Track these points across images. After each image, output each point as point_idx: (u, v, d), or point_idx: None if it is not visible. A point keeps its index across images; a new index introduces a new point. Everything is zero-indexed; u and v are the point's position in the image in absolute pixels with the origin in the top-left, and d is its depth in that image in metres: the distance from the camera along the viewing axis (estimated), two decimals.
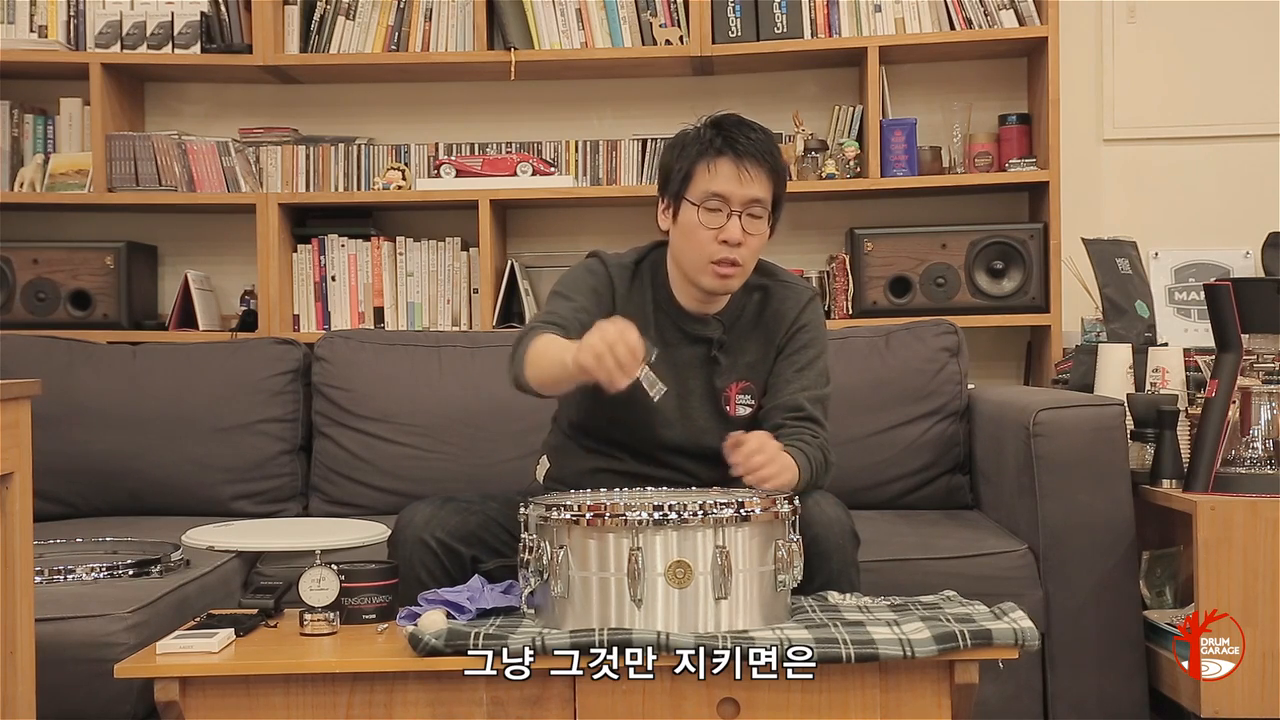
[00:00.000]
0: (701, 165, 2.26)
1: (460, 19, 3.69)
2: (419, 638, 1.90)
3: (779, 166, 2.29)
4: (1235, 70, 3.73)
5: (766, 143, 2.28)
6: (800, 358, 2.36)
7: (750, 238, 2.26)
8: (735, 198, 2.24)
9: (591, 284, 2.34)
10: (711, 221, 2.25)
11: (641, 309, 2.34)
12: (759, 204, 2.26)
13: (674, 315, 2.36)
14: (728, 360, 2.35)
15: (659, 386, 2.06)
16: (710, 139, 2.27)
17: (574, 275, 2.37)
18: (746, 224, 2.25)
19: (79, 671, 2.13)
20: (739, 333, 2.37)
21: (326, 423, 3.21)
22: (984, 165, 3.65)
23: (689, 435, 2.33)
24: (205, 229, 3.90)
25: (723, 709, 1.90)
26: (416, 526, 2.22)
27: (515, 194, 3.65)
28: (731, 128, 2.28)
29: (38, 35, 3.74)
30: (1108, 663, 2.58)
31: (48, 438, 2.38)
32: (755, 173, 2.25)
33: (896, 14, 3.60)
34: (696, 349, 2.35)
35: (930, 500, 3.07)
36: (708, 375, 2.35)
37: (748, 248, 2.26)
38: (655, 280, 2.38)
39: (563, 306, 2.29)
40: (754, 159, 2.25)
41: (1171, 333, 3.48)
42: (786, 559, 1.98)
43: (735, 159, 2.24)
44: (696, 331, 2.35)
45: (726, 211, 2.25)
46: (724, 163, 2.25)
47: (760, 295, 2.39)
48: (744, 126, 2.29)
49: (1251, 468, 2.58)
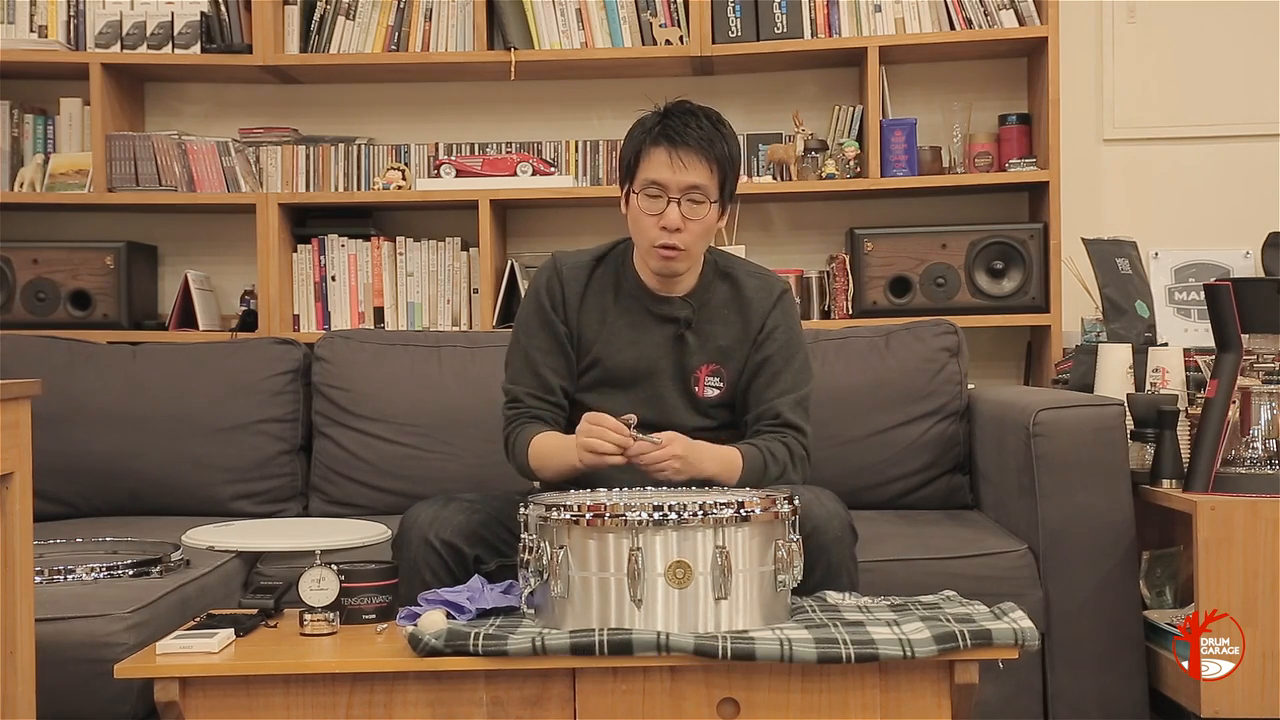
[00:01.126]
0: (643, 154, 2.34)
1: (460, 19, 3.69)
2: (419, 638, 1.90)
3: (720, 153, 2.33)
4: (1235, 70, 3.73)
5: (708, 131, 2.33)
6: (776, 359, 2.42)
7: (690, 223, 2.32)
8: (672, 185, 2.31)
9: (543, 313, 2.44)
10: (651, 208, 2.32)
11: (600, 301, 2.43)
12: (697, 190, 2.31)
13: (641, 298, 2.42)
14: (696, 341, 2.41)
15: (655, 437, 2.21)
16: (651, 127, 2.35)
17: (528, 307, 2.49)
18: (686, 210, 2.31)
19: (79, 671, 2.13)
20: (708, 314, 2.43)
21: (326, 423, 3.21)
22: (984, 165, 3.65)
23: (659, 414, 2.38)
24: (205, 229, 3.90)
25: (723, 709, 1.90)
26: (421, 527, 2.22)
27: (515, 194, 3.65)
28: (673, 116, 2.34)
29: (38, 35, 3.74)
30: (1108, 663, 2.58)
31: (48, 438, 2.38)
32: (690, 160, 2.30)
33: (896, 14, 3.60)
34: (665, 329, 2.41)
35: (930, 500, 3.07)
36: (677, 355, 2.40)
37: (689, 233, 2.32)
38: (621, 269, 2.45)
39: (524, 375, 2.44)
40: (689, 147, 2.30)
41: (1171, 333, 3.48)
42: (786, 559, 1.98)
43: (670, 147, 2.31)
44: (664, 311, 2.41)
45: (665, 198, 2.31)
46: (659, 151, 2.32)
47: (729, 283, 2.45)
48: (687, 115, 2.34)
49: (1251, 468, 2.58)
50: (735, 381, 2.42)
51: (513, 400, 2.44)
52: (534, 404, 2.41)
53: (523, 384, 2.43)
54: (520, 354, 2.46)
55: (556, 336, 2.42)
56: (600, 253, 2.48)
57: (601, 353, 2.41)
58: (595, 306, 2.43)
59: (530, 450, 2.36)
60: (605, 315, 2.42)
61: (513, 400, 2.44)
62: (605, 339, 2.41)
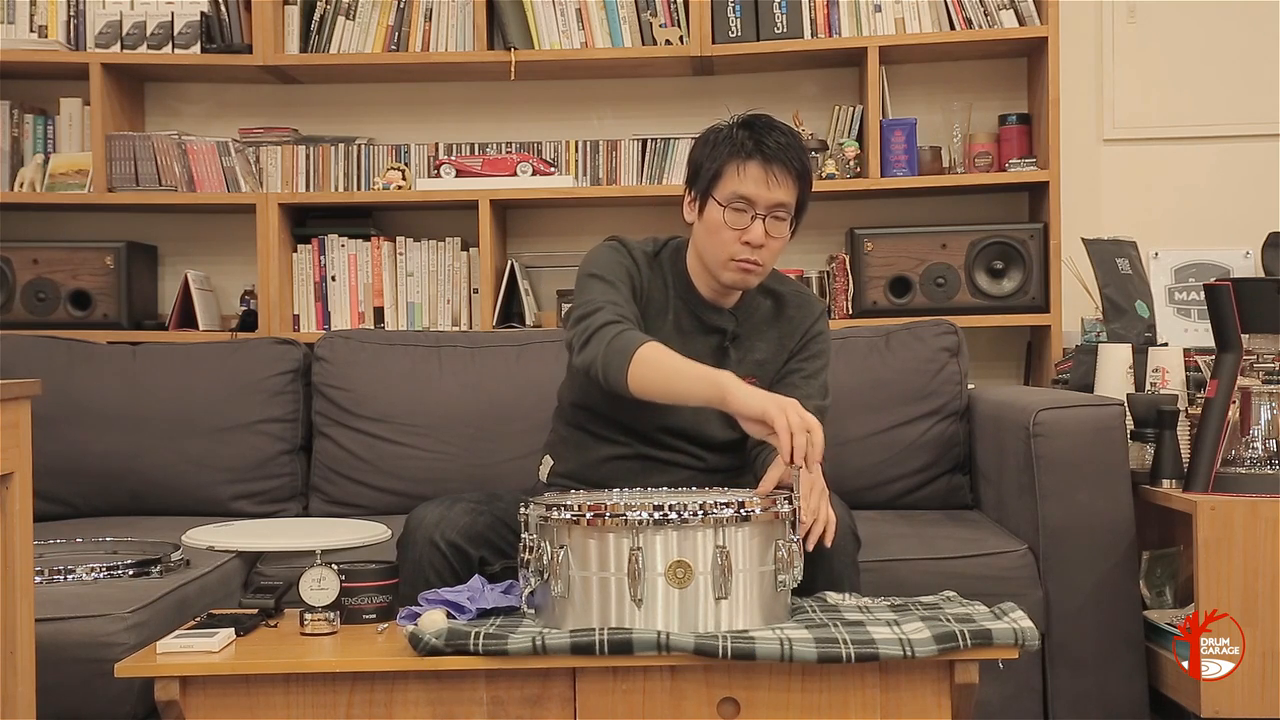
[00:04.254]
0: (731, 166, 2.29)
1: (460, 19, 3.69)
2: (419, 637, 1.90)
3: (806, 170, 2.32)
4: (1235, 70, 3.74)
5: (795, 147, 2.31)
6: (808, 366, 2.42)
7: (772, 240, 2.30)
8: (761, 201, 2.28)
9: (625, 265, 2.36)
10: (736, 222, 2.29)
11: (663, 294, 2.40)
12: (783, 207, 2.30)
13: (691, 303, 2.40)
14: (738, 354, 2.40)
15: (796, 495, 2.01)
16: (741, 141, 2.29)
17: (606, 258, 2.38)
18: (770, 226, 2.29)
19: (79, 671, 2.13)
20: (751, 329, 2.42)
21: (326, 423, 3.21)
22: (984, 165, 3.65)
23: (694, 422, 2.37)
24: (205, 229, 3.90)
25: (723, 709, 1.90)
26: (427, 528, 2.22)
27: (515, 194, 3.65)
28: (761, 130, 2.31)
29: (38, 35, 3.74)
30: (1108, 663, 2.58)
31: (48, 438, 2.38)
32: (783, 177, 2.28)
33: (896, 14, 3.60)
34: (710, 339, 2.40)
35: (930, 500, 3.07)
36: (717, 365, 2.36)
37: (769, 249, 2.31)
38: (675, 269, 2.42)
39: (614, 296, 2.29)
40: (782, 163, 2.28)
41: (1171, 333, 3.48)
42: (786, 559, 1.98)
43: (764, 162, 2.27)
44: (712, 321, 2.40)
45: (751, 214, 2.28)
46: (753, 166, 2.28)
47: (773, 300, 2.45)
48: (774, 130, 2.31)
49: (1251, 468, 2.58)
50: None
51: (613, 303, 2.27)
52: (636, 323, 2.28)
53: (621, 300, 2.28)
54: (607, 286, 2.30)
55: (634, 289, 2.34)
56: (656, 247, 2.45)
57: None
58: (657, 294, 2.40)
59: (645, 348, 2.17)
60: (665, 307, 2.39)
61: (613, 303, 2.27)
62: (660, 331, 2.36)
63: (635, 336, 2.22)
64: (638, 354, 2.17)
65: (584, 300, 2.31)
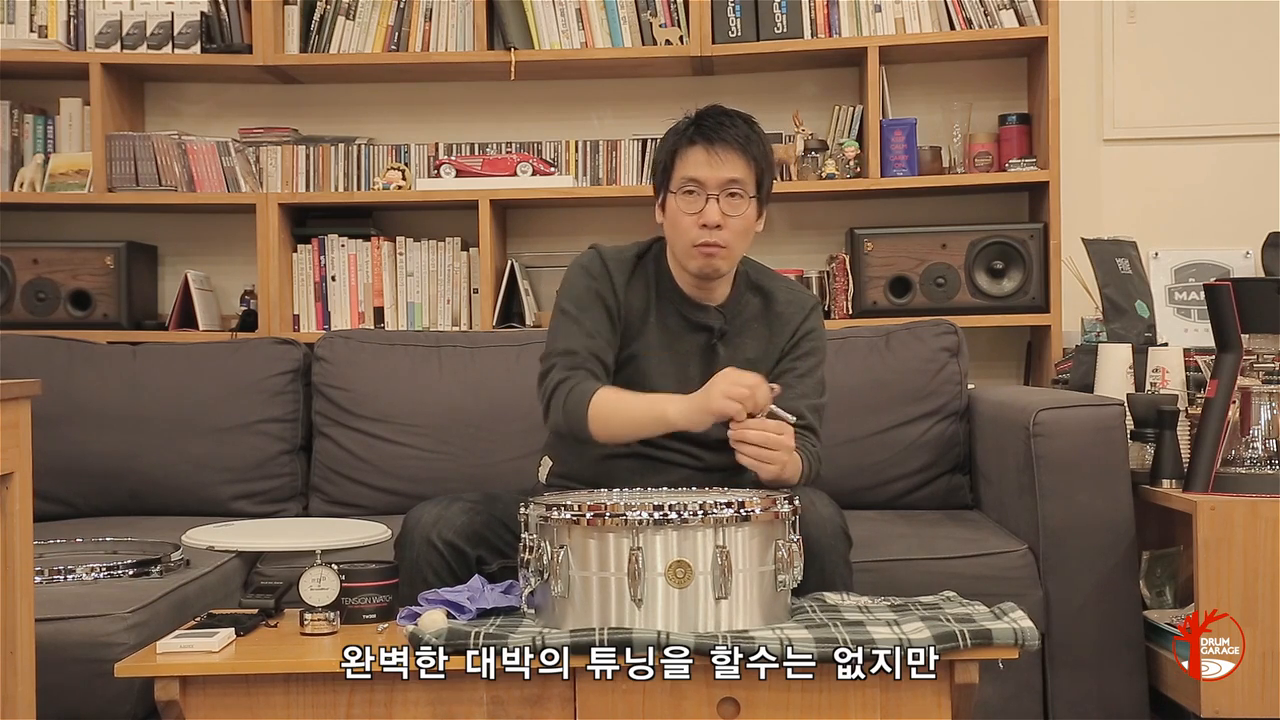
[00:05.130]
0: (678, 155, 2.33)
1: (460, 19, 3.69)
2: (419, 637, 1.90)
3: (755, 149, 2.32)
4: (1235, 70, 3.73)
5: (742, 127, 2.32)
6: (802, 364, 2.41)
7: (730, 219, 2.30)
8: (710, 181, 2.29)
9: (595, 290, 2.37)
10: (690, 206, 2.30)
11: (644, 298, 2.40)
12: (736, 184, 2.30)
13: (676, 303, 2.40)
14: (727, 351, 2.39)
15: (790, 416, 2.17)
16: (685, 129, 2.34)
17: (576, 285, 2.40)
18: (725, 205, 2.30)
19: (79, 671, 2.13)
20: (740, 326, 2.41)
21: (326, 423, 3.21)
22: (984, 165, 3.65)
23: None
24: (205, 229, 3.90)
25: (723, 709, 1.90)
26: (424, 527, 2.22)
27: (515, 194, 3.65)
28: (706, 117, 2.34)
29: (38, 35, 3.74)
30: (1108, 663, 2.58)
31: (48, 438, 2.37)
32: (726, 155, 2.29)
33: (896, 14, 3.60)
34: (697, 337, 2.40)
35: (930, 500, 3.07)
36: (707, 364, 2.38)
37: (729, 229, 2.30)
38: (658, 270, 2.43)
39: (578, 339, 2.34)
40: (725, 142, 2.29)
41: (1171, 333, 3.48)
42: (786, 559, 1.98)
43: (705, 143, 2.30)
44: (698, 319, 2.39)
45: (704, 195, 2.30)
46: (695, 148, 2.31)
47: (763, 297, 2.44)
48: (720, 115, 2.34)
49: (1251, 468, 2.58)
50: None
51: (567, 352, 2.33)
52: (592, 365, 2.32)
53: (578, 345, 2.33)
54: (570, 323, 2.36)
55: (608, 311, 2.36)
56: (640, 250, 2.45)
57: (639, 349, 2.39)
58: (638, 299, 2.40)
59: (595, 402, 2.24)
60: (647, 311, 2.40)
61: (567, 352, 2.33)
62: (644, 336, 2.39)
63: (585, 390, 2.27)
64: (591, 409, 2.25)
65: (548, 346, 2.38)
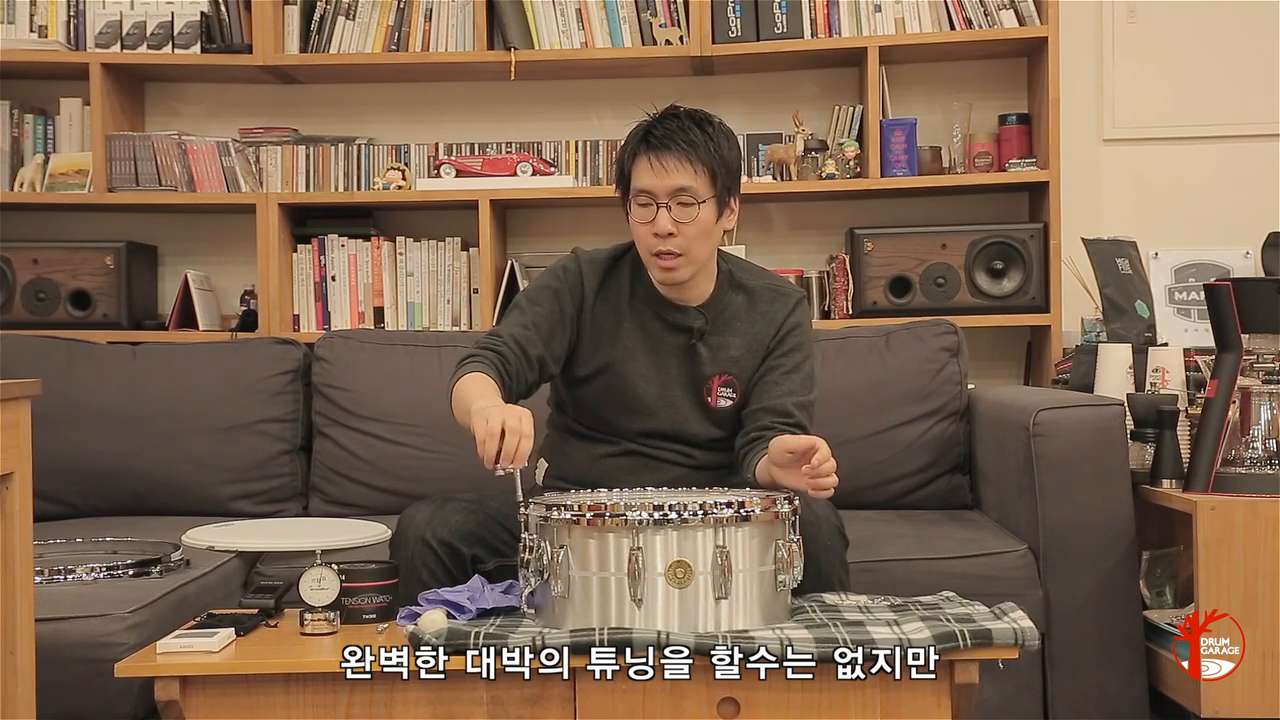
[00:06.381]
0: (630, 166, 2.31)
1: (460, 19, 3.69)
2: (419, 637, 1.90)
3: (704, 153, 2.27)
4: (1235, 70, 3.73)
5: (691, 131, 2.28)
6: (788, 361, 2.39)
7: (682, 226, 2.28)
8: (659, 190, 2.27)
9: (555, 288, 2.38)
10: (643, 217, 2.30)
11: (616, 301, 2.39)
12: (685, 192, 2.27)
13: (654, 304, 2.39)
14: (709, 352, 2.38)
15: (518, 495, 2.04)
16: (634, 138, 2.32)
17: (539, 281, 2.43)
18: (676, 213, 2.27)
19: (79, 671, 2.13)
20: (722, 325, 2.39)
21: (326, 423, 3.21)
22: (984, 165, 3.65)
23: (672, 423, 2.38)
24: (205, 229, 3.90)
25: (723, 709, 1.90)
26: (418, 526, 2.22)
27: (515, 194, 3.65)
28: (655, 125, 2.31)
29: (38, 35, 3.74)
30: (1108, 663, 2.58)
31: (48, 438, 2.38)
32: (670, 164, 2.26)
33: (896, 14, 3.60)
34: (677, 338, 2.39)
35: (930, 500, 3.07)
36: (690, 364, 2.38)
37: (683, 236, 2.28)
38: (635, 273, 2.41)
39: (513, 323, 2.35)
40: (668, 150, 2.26)
41: (1171, 333, 3.47)
42: (786, 559, 1.98)
43: (649, 152, 2.28)
44: (677, 320, 2.38)
45: (654, 205, 2.28)
46: (641, 159, 2.29)
47: (745, 295, 2.42)
48: (669, 119, 2.30)
49: (1251, 468, 2.58)
50: (746, 391, 2.39)
51: (492, 334, 2.35)
52: (508, 351, 2.30)
53: (505, 331, 2.33)
54: (515, 312, 2.37)
55: (561, 311, 2.36)
56: (618, 252, 2.44)
57: (614, 356, 2.38)
58: (611, 304, 2.39)
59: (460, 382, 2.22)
60: (620, 316, 2.39)
61: (492, 334, 2.35)
62: (619, 341, 2.38)
63: (465, 370, 2.24)
64: (454, 387, 2.22)
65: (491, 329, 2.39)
